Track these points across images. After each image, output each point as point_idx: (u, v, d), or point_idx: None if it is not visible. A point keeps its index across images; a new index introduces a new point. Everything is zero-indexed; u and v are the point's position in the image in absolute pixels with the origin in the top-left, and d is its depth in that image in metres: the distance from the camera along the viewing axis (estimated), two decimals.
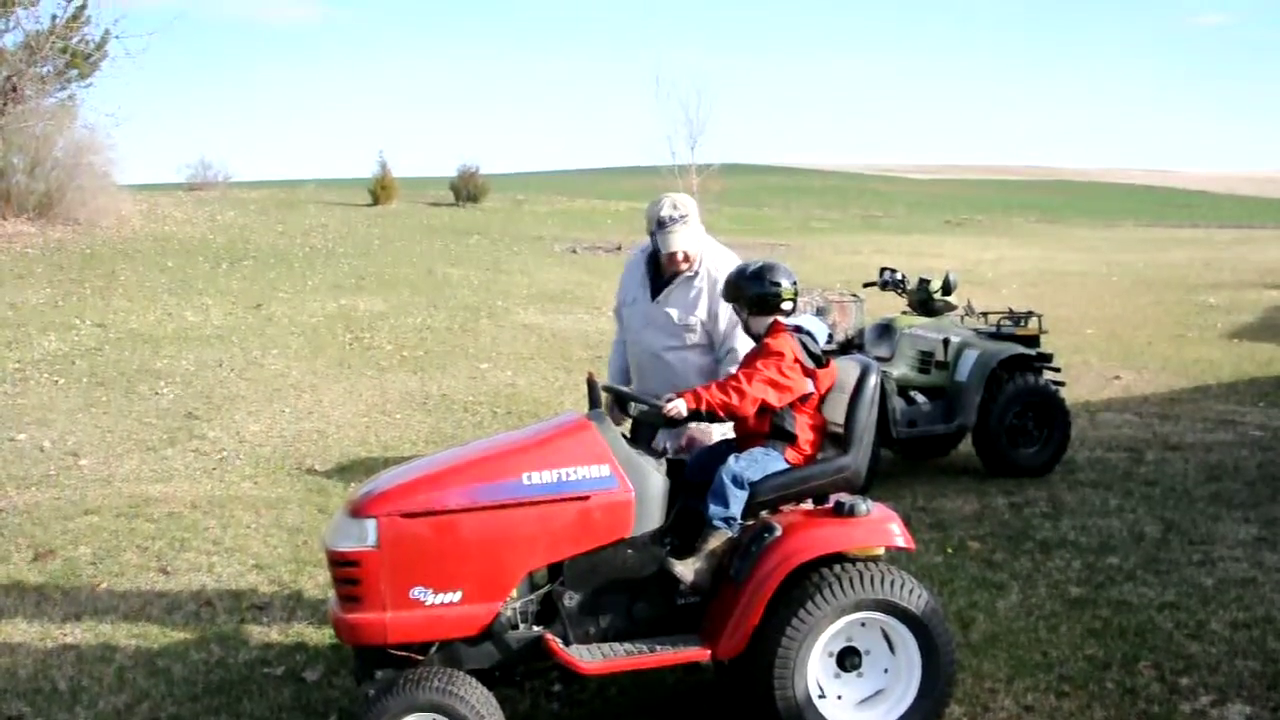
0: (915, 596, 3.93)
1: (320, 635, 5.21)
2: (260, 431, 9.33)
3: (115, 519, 7.01)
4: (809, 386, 4.13)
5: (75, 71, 24.11)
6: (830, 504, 4.08)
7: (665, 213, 4.72)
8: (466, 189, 35.40)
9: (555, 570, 3.96)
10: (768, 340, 4.17)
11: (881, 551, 4.03)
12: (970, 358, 7.94)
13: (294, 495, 7.58)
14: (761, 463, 4.07)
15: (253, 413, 9.95)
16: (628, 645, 3.94)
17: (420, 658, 3.87)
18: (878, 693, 4.02)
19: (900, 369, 7.91)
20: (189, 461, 8.49)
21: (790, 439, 4.12)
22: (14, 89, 21.69)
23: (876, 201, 51.55)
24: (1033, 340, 8.35)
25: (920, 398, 7.96)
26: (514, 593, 3.95)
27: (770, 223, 35.06)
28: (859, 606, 3.89)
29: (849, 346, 7.55)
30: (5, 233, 20.87)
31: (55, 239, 20.70)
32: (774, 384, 4.03)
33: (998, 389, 7.90)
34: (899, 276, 8.59)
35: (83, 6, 23.32)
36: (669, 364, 4.73)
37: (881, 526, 4.00)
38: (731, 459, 4.07)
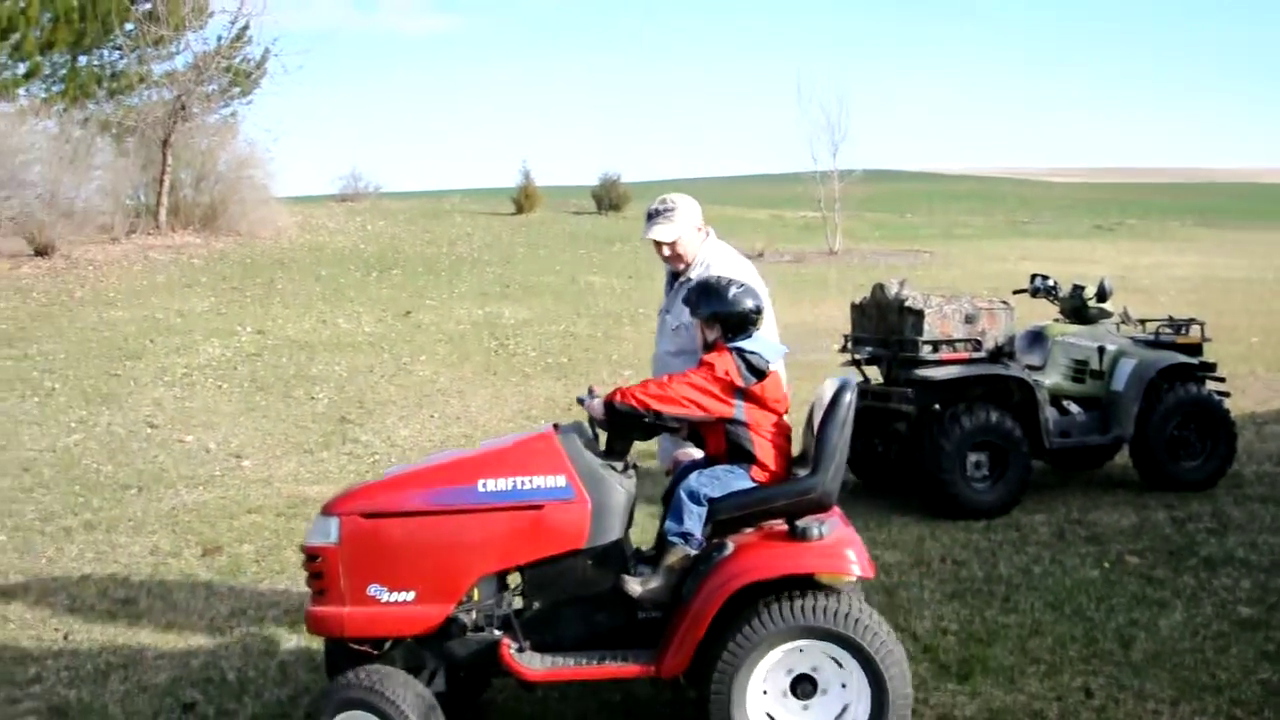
0: (862, 628, 3.76)
1: None
2: (410, 436, 9.59)
3: (275, 518, 7.29)
4: (732, 411, 4.03)
5: (237, 89, 25.20)
6: (787, 527, 3.94)
7: (653, 206, 4.78)
8: (608, 197, 35.70)
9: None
10: (705, 357, 4.11)
11: (852, 579, 3.85)
12: (1127, 366, 7.68)
13: None
14: (724, 480, 4.03)
15: (403, 417, 10.23)
16: (578, 655, 3.94)
17: (375, 653, 3.98)
18: None
19: (1052, 378, 7.68)
20: (343, 464, 8.77)
21: (750, 459, 4.06)
22: (183, 107, 22.75)
23: (1023, 207, 50.18)
24: (1194, 349, 8.02)
25: (1074, 407, 7.73)
26: (479, 597, 4.00)
27: (913, 229, 34.47)
28: (800, 634, 3.78)
29: (998, 354, 7.37)
30: (174, 244, 21.90)
31: (218, 249, 21.61)
32: (702, 391, 3.98)
33: (1157, 399, 7.61)
34: (1051, 283, 8.35)
35: (245, 27, 24.38)
36: (675, 369, 4.58)
37: (835, 552, 3.84)
38: (693, 476, 4.05)
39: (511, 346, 13.61)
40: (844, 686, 3.86)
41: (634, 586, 3.91)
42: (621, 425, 4.08)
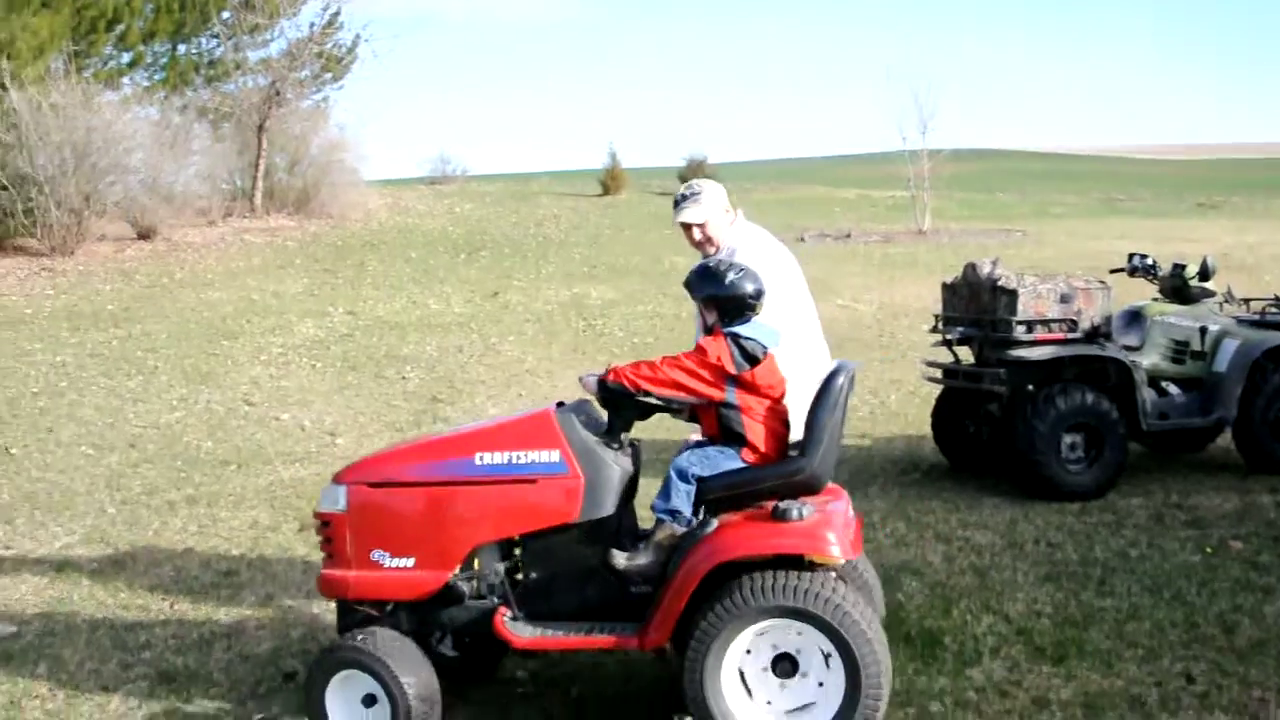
0: (834, 610, 3.74)
1: None
2: (499, 414, 9.69)
3: None
4: (723, 395, 4.04)
5: (329, 75, 25.60)
6: (770, 507, 3.92)
7: (680, 192, 4.86)
8: (694, 179, 35.62)
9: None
10: (701, 341, 4.13)
11: (835, 558, 3.82)
12: (1230, 347, 7.47)
13: None
14: (714, 460, 4.07)
15: (492, 396, 10.35)
16: (566, 626, 4.05)
17: (377, 614, 4.15)
18: (810, 704, 3.87)
19: (1151, 358, 7.51)
20: None
21: (742, 440, 4.07)
22: (277, 93, 23.21)
23: (1118, 184, 48.88)
24: None
25: (1173, 389, 7.54)
26: (480, 566, 4.12)
27: (1004, 208, 33.81)
28: (772, 614, 3.79)
29: (1095, 335, 7.22)
30: (269, 226, 22.38)
31: (311, 232, 22.02)
32: (690, 374, 4.01)
33: (1262, 380, 7.39)
34: (1150, 262, 8.15)
35: (336, 14, 24.76)
36: None
37: (813, 533, 3.82)
38: (684, 454, 4.11)
39: (598, 327, 13.68)
40: (827, 669, 3.84)
41: (620, 560, 4.00)
42: (615, 403, 4.12)
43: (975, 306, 7.44)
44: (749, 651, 3.89)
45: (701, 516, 4.04)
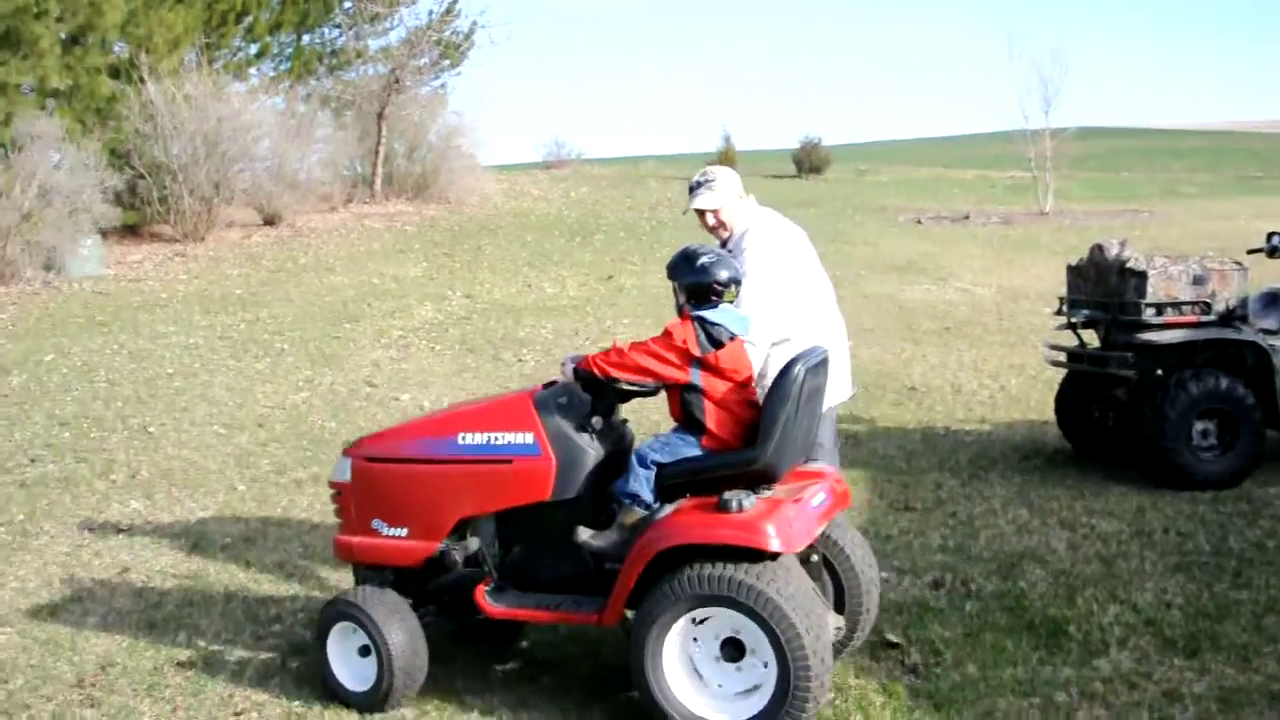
0: (761, 598, 3.78)
1: None
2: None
3: None
4: (687, 374, 4.12)
5: (447, 61, 25.99)
6: (717, 497, 3.96)
7: (694, 179, 4.99)
8: (808, 160, 35.32)
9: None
10: (669, 324, 4.19)
11: (770, 550, 3.80)
12: None
13: None
14: (673, 447, 4.16)
15: None
16: (539, 598, 4.28)
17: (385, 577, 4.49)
18: (756, 687, 3.93)
19: None
20: None
21: (702, 427, 4.14)
22: (397, 80, 23.68)
23: (1253, 160, 46.94)
24: None
25: None
26: (470, 539, 4.38)
27: (1130, 188, 32.81)
28: (704, 601, 3.88)
29: (1230, 318, 6.96)
30: (388, 212, 22.85)
31: (429, 217, 22.41)
32: (654, 356, 4.10)
33: None
34: None
35: (454, 1, 25.11)
36: None
37: (750, 525, 3.83)
38: (648, 441, 4.23)
39: None
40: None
41: (586, 539, 4.14)
42: (592, 389, 4.26)
43: (1102, 289, 7.23)
44: (695, 640, 4.00)
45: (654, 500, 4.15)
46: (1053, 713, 4.14)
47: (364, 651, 4.30)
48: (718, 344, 4.14)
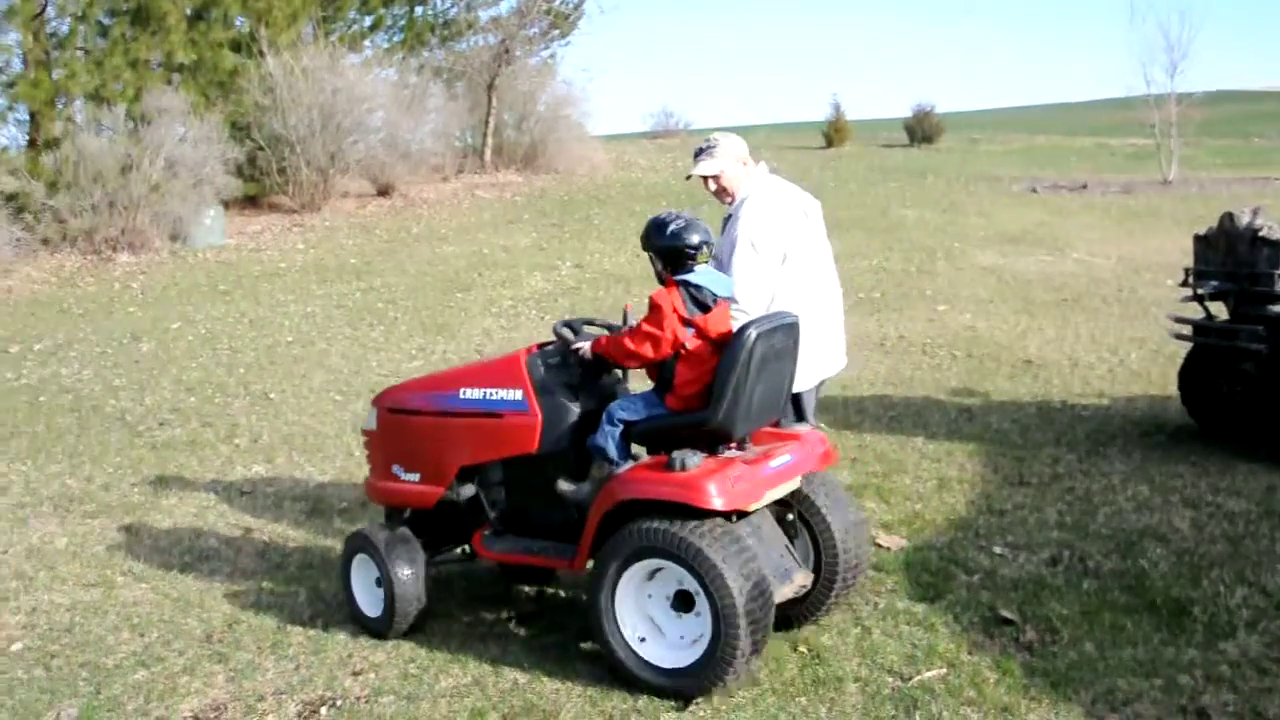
0: (694, 552, 3.96)
1: None
2: None
3: None
4: (686, 336, 4.25)
5: (556, 31, 26.08)
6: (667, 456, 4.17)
7: (698, 145, 5.13)
8: (921, 129, 34.71)
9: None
10: (653, 295, 4.29)
11: (710, 507, 3.98)
12: None
13: None
14: (637, 406, 4.36)
15: None
16: (526, 543, 4.61)
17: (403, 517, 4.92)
18: (701, 636, 4.08)
19: None
20: None
21: (668, 385, 4.30)
22: (506, 51, 23.85)
23: None
24: None
25: None
26: (472, 486, 4.71)
27: (1262, 155, 31.50)
28: (644, 553, 4.09)
29: None
30: (498, 182, 23.08)
31: (539, 187, 22.57)
32: (652, 338, 4.23)
33: None
34: None
35: None
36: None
37: (690, 483, 4.02)
38: (620, 399, 4.44)
39: None
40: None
41: (565, 489, 4.43)
42: (601, 365, 4.54)
43: (1232, 259, 6.97)
44: (650, 589, 4.22)
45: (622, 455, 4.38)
46: (1176, 695, 4.03)
47: (379, 582, 4.71)
48: (704, 307, 4.29)
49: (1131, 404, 8.25)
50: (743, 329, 4.18)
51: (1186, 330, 7.45)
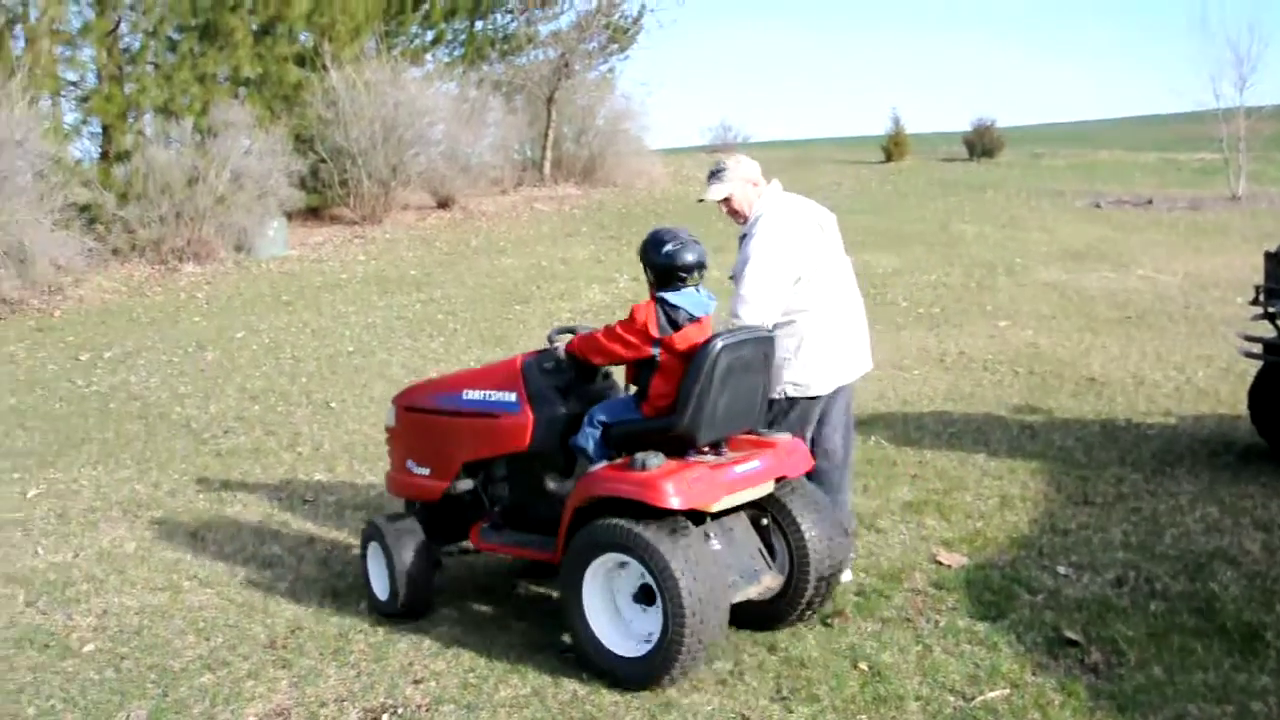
0: (648, 549, 4.15)
1: (847, 582, 5.34)
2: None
3: None
4: (648, 351, 4.49)
5: (615, 45, 26.21)
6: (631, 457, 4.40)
7: (710, 168, 5.28)
8: (981, 143, 34.41)
9: None
10: (634, 306, 4.54)
11: (667, 506, 4.16)
12: None
13: None
14: (616, 409, 4.65)
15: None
16: (517, 536, 4.89)
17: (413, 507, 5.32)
18: (655, 629, 4.27)
19: None
20: None
21: (643, 393, 4.57)
22: (566, 65, 24.01)
23: None
24: None
25: None
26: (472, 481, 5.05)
27: None
28: (605, 548, 4.32)
29: None
30: (556, 195, 23.21)
31: (597, 200, 22.66)
32: (620, 341, 4.52)
33: None
34: None
35: None
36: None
37: (651, 483, 4.21)
38: (602, 402, 4.75)
39: (882, 295, 13.44)
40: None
41: (552, 485, 4.73)
42: (577, 366, 4.83)
43: None
44: (618, 582, 4.43)
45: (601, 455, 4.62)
46: None
47: (388, 567, 5.05)
48: (675, 324, 4.50)
49: (1199, 423, 8.10)
50: (709, 341, 4.40)
51: (1257, 348, 7.30)
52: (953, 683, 4.31)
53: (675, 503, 4.18)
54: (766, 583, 4.60)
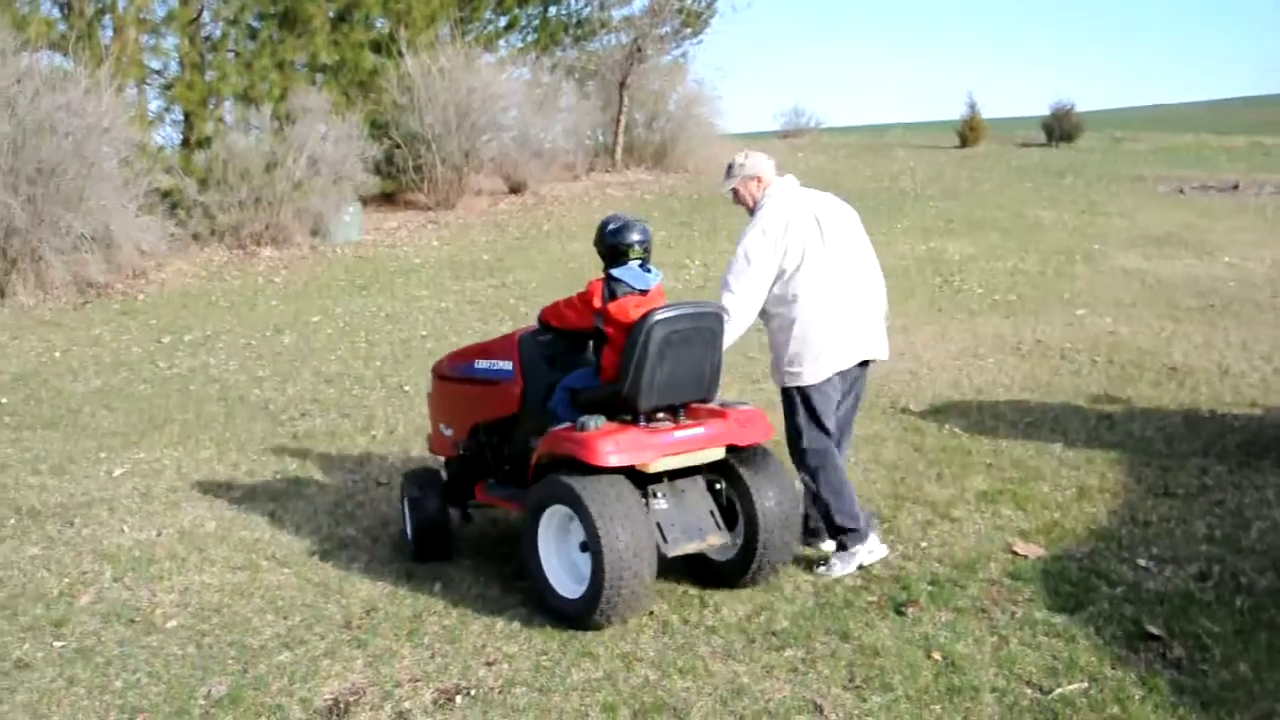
0: (578, 502, 4.60)
1: (921, 571, 5.29)
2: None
3: None
4: (591, 320, 5.02)
5: (689, 30, 26.10)
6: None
7: (728, 164, 5.67)
8: (1060, 127, 33.79)
9: None
10: (589, 282, 5.05)
11: (601, 463, 4.60)
12: None
13: (889, 433, 7.74)
14: (581, 378, 5.16)
15: None
16: (509, 491, 5.40)
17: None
18: (587, 575, 4.69)
19: None
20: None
21: (597, 363, 5.10)
22: (639, 49, 23.96)
23: None
24: None
25: None
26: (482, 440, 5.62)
27: None
28: (548, 501, 4.82)
29: None
30: (628, 180, 23.21)
31: (668, 185, 22.62)
32: (573, 308, 5.12)
33: None
34: None
35: None
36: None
37: (587, 442, 4.67)
38: (572, 373, 5.23)
39: (956, 283, 13.27)
40: None
41: (534, 444, 5.09)
42: (567, 338, 5.31)
43: None
44: (571, 534, 4.85)
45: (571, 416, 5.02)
46: None
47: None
48: (613, 296, 4.96)
49: None
50: (644, 317, 4.79)
51: None
52: (1029, 675, 4.24)
53: (609, 460, 4.62)
54: (711, 541, 4.91)
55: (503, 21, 24.64)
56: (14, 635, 4.91)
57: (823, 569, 5.29)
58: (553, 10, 25.51)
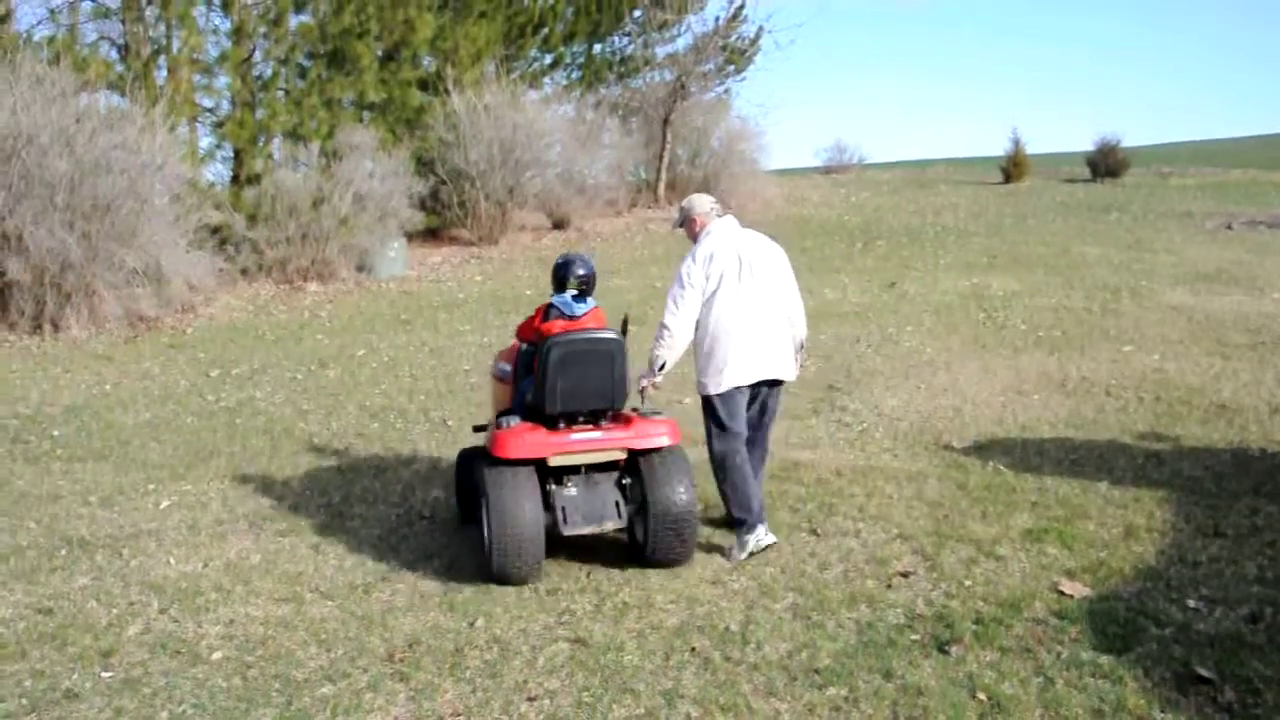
0: (479, 483, 5.85)
1: (964, 609, 5.24)
2: (898, 406, 9.57)
3: (768, 482, 7.53)
4: (531, 337, 6.15)
5: (732, 67, 26.27)
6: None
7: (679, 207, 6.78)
8: (1105, 163, 33.54)
9: None
10: (539, 305, 6.18)
11: (504, 455, 5.68)
12: None
13: (932, 470, 7.69)
14: (527, 386, 6.07)
15: (890, 387, 10.23)
16: None
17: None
18: None
19: None
20: (832, 431, 8.93)
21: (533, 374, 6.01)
22: (682, 86, 24.14)
23: None
24: None
25: None
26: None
27: None
28: (478, 483, 5.91)
29: None
30: (670, 216, 23.22)
31: None
32: (523, 329, 6.29)
33: None
34: None
35: (741, 7, 25.39)
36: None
37: (496, 439, 5.75)
38: (527, 379, 6.18)
39: (1000, 319, 13.19)
40: None
41: None
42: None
43: None
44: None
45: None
46: None
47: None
48: (548, 319, 6.05)
49: None
50: (545, 339, 5.81)
51: None
52: (1076, 716, 4.19)
53: (507, 453, 5.65)
54: (608, 526, 5.80)
55: (548, 59, 24.93)
56: (63, 665, 4.98)
57: (724, 557, 6.11)
58: (597, 48, 25.79)
